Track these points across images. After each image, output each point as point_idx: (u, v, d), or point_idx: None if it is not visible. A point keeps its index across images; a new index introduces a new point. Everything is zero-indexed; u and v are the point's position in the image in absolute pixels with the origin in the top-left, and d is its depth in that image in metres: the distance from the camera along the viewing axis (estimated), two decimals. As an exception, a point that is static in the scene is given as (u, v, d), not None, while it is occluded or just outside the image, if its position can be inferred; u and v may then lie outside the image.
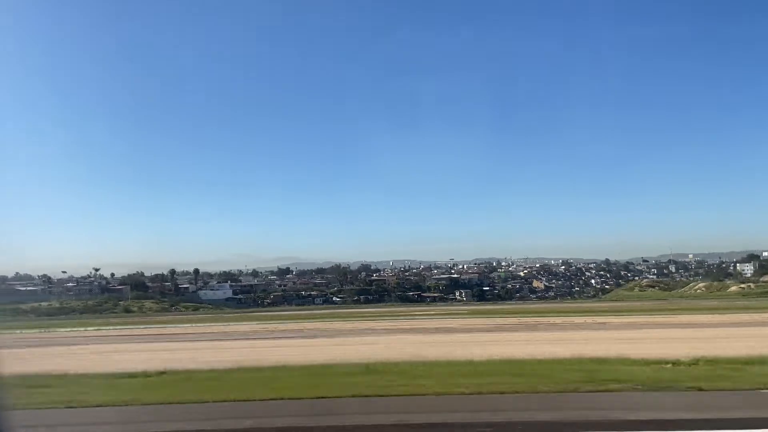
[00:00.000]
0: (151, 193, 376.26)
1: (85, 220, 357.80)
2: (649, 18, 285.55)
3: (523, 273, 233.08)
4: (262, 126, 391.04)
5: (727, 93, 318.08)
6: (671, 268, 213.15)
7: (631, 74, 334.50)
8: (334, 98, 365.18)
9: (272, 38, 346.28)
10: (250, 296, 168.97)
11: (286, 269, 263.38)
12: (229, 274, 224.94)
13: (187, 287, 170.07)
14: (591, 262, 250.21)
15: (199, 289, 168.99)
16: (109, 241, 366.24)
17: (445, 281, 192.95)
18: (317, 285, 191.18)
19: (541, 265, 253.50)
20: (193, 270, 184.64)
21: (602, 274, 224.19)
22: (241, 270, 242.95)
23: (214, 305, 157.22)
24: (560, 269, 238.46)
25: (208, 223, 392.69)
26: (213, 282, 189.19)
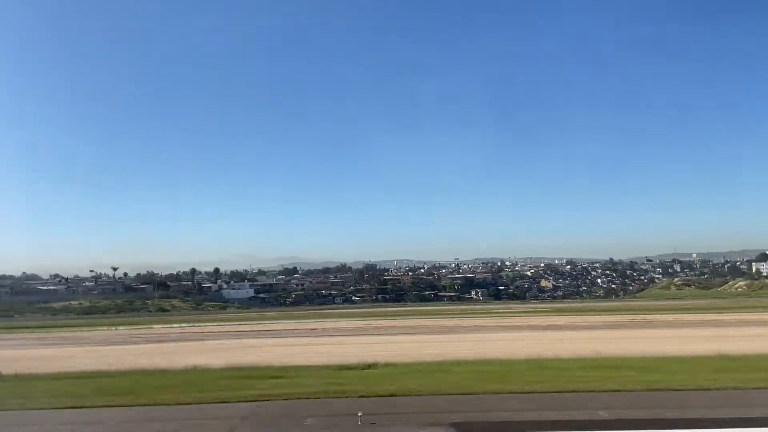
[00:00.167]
0: (151, 194, 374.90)
1: (84, 220, 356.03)
2: (649, 19, 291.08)
3: (530, 273, 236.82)
4: (262, 126, 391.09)
5: (728, 93, 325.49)
6: (676, 267, 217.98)
7: (633, 74, 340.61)
8: (335, 98, 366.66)
9: (273, 38, 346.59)
10: (272, 295, 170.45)
11: (293, 269, 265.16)
12: (238, 273, 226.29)
13: (210, 286, 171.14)
14: (593, 261, 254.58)
15: (221, 289, 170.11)
16: (109, 242, 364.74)
17: (459, 281, 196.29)
18: (334, 284, 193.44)
19: (546, 265, 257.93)
20: (213, 269, 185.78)
21: (608, 273, 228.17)
22: (246, 270, 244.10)
23: (239, 304, 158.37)
24: (566, 269, 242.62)
25: (209, 223, 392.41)
26: (221, 281, 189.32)
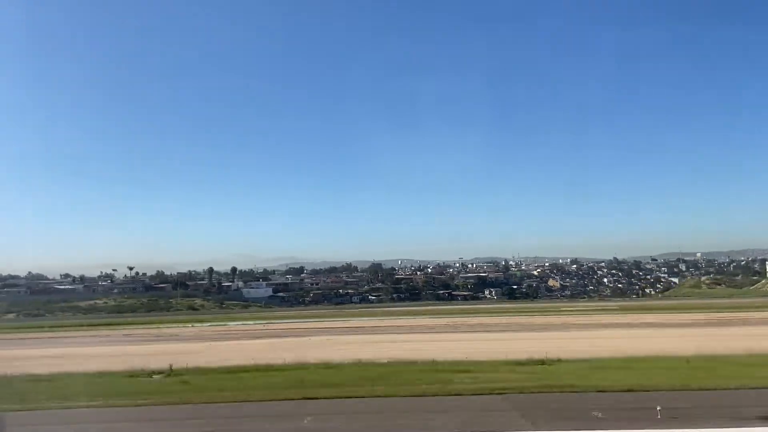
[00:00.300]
0: (150, 194, 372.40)
1: (84, 220, 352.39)
2: (650, 19, 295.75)
3: (536, 272, 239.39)
4: (262, 126, 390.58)
5: (731, 95, 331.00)
6: (681, 267, 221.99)
7: (634, 75, 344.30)
8: (336, 98, 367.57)
9: (273, 39, 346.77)
10: (290, 294, 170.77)
11: (300, 268, 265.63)
12: (251, 272, 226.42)
13: (229, 285, 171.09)
14: (595, 261, 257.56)
15: (239, 288, 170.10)
16: (108, 242, 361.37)
17: (472, 280, 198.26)
18: (348, 283, 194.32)
19: (551, 264, 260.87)
20: (231, 269, 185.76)
21: (614, 272, 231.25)
22: (251, 269, 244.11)
23: (260, 303, 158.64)
24: (572, 268, 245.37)
25: (209, 223, 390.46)
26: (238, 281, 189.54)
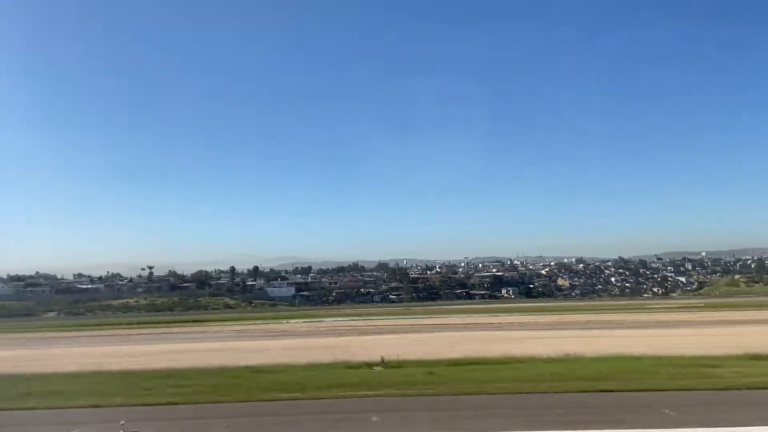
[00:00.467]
0: (151, 195, 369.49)
1: (84, 220, 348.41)
2: (650, 19, 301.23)
3: (544, 272, 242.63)
4: (262, 127, 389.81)
5: (734, 96, 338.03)
6: (687, 266, 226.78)
7: (635, 74, 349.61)
8: (336, 99, 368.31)
9: (273, 40, 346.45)
10: (314, 293, 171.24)
11: (308, 268, 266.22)
12: (259, 272, 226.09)
13: (253, 284, 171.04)
14: (599, 260, 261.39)
15: (262, 287, 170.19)
16: (108, 242, 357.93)
17: (488, 279, 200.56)
18: (367, 283, 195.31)
19: (557, 263, 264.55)
20: (253, 268, 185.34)
21: (621, 272, 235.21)
22: (258, 268, 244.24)
23: (286, 302, 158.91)
24: (579, 267, 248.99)
25: (209, 223, 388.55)
26: (260, 280, 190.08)
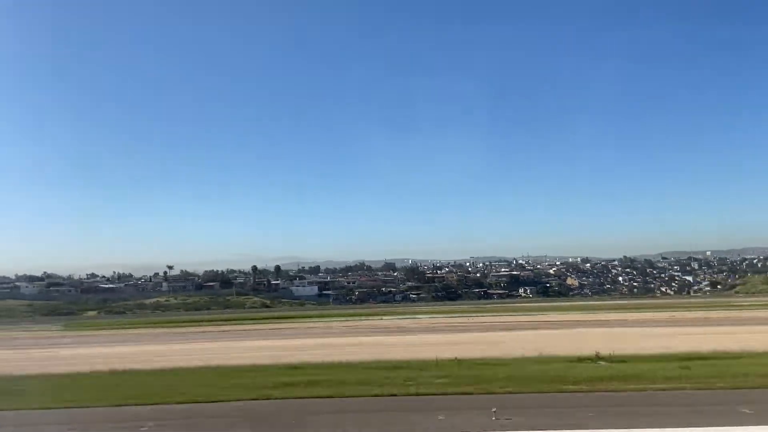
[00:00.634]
0: (150, 195, 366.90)
1: (84, 220, 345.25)
2: (650, 19, 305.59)
3: (552, 271, 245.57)
4: (261, 127, 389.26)
5: (736, 96, 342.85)
6: (694, 265, 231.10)
7: (637, 75, 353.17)
8: (335, 99, 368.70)
9: (273, 40, 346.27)
10: (338, 292, 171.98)
11: (316, 267, 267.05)
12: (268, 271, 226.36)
13: (277, 283, 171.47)
14: (602, 260, 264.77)
15: (286, 287, 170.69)
16: (108, 242, 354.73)
17: (505, 279, 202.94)
18: (385, 282, 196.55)
19: (563, 263, 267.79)
20: (275, 267, 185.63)
21: (628, 271, 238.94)
22: (267, 268, 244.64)
23: (309, 301, 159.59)
24: (585, 267, 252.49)
25: (208, 223, 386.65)
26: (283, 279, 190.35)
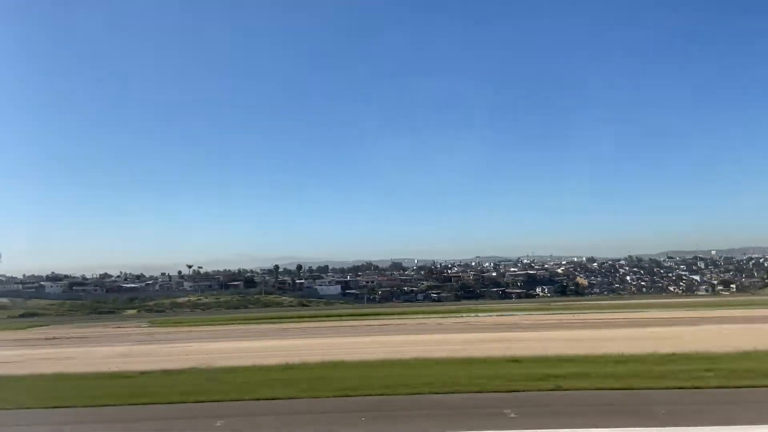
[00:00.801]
0: (151, 195, 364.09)
1: (84, 220, 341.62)
2: (649, 19, 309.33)
3: (561, 270, 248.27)
4: (261, 127, 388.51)
5: (740, 95, 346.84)
6: (700, 265, 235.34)
7: (638, 73, 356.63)
8: (335, 99, 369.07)
9: (273, 41, 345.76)
10: (363, 291, 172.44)
11: (325, 267, 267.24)
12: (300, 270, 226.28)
13: (302, 282, 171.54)
14: (609, 259, 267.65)
15: (311, 286, 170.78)
16: (108, 243, 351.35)
17: (521, 278, 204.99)
18: (403, 281, 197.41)
19: (568, 262, 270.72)
20: (296, 266, 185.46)
21: (635, 270, 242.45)
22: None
23: (335, 300, 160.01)
24: (593, 266, 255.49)
25: (207, 224, 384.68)
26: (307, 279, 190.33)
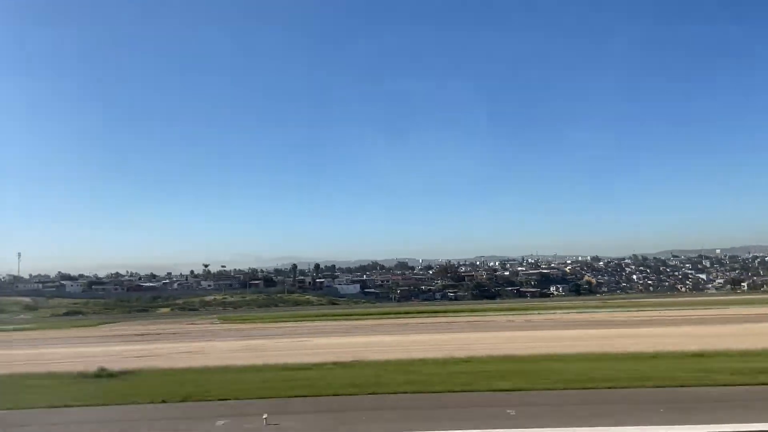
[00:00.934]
0: (151, 195, 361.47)
1: (85, 222, 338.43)
2: (648, 17, 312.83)
3: (568, 269, 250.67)
4: (260, 127, 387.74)
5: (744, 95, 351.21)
6: (705, 263, 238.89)
7: (638, 72, 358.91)
8: (334, 99, 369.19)
9: (273, 42, 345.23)
10: (383, 291, 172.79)
11: (332, 266, 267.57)
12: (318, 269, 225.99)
13: (321, 281, 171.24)
14: (613, 258, 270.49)
15: (330, 285, 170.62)
16: (108, 242, 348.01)
17: (535, 277, 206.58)
18: (418, 281, 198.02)
19: (573, 261, 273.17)
20: (314, 265, 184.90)
21: (642, 269, 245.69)
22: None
23: (356, 299, 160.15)
24: (599, 265, 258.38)
25: (207, 224, 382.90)
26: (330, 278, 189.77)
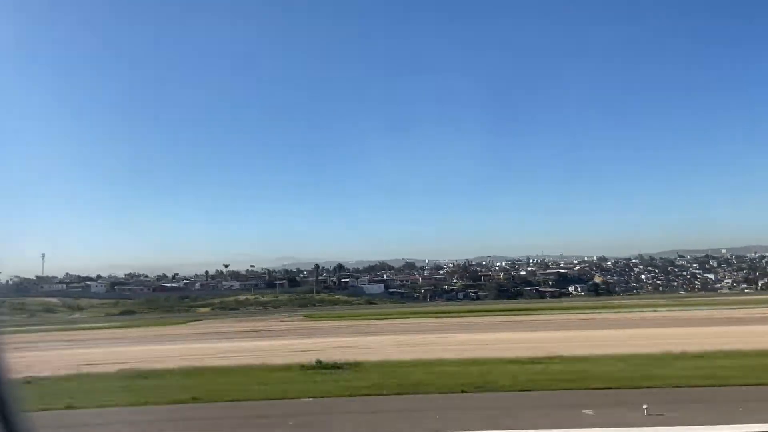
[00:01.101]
0: (151, 195, 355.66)
1: (85, 222, 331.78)
2: (647, 17, 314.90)
3: (577, 269, 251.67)
4: (261, 127, 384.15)
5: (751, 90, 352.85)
6: (713, 263, 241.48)
7: (639, 71, 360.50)
8: (334, 99, 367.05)
9: (272, 42, 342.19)
10: (408, 291, 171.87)
11: (339, 266, 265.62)
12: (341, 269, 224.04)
13: (346, 281, 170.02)
14: (620, 258, 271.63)
15: (352, 285, 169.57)
16: (108, 242, 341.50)
17: (552, 276, 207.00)
18: (438, 281, 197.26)
19: (579, 261, 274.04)
20: (336, 265, 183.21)
21: (650, 269, 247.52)
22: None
23: (382, 299, 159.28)
24: (607, 265, 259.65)
25: (207, 224, 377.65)
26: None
